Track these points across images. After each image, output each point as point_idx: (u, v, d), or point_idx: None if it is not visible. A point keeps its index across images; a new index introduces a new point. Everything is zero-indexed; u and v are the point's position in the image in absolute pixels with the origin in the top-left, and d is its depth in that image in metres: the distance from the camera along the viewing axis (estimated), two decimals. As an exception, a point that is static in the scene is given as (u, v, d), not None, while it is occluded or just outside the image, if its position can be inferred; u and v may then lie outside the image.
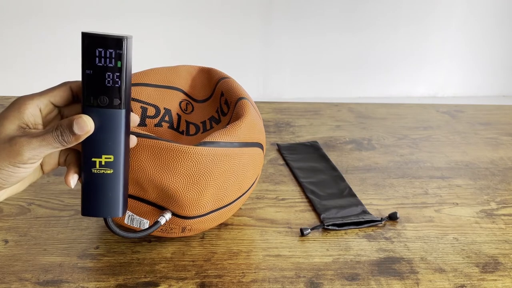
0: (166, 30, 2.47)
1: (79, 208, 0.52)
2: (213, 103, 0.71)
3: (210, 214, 0.61)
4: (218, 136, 0.58)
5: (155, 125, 0.66)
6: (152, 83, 0.69)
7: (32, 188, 0.77)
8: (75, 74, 0.50)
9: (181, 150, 0.55)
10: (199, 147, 0.56)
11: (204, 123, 0.69)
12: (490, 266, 0.63)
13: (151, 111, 0.66)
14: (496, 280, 0.60)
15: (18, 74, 2.52)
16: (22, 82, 2.46)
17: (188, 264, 0.62)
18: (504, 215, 0.74)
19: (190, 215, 0.60)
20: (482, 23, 2.59)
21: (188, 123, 0.69)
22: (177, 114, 0.69)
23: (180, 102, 0.70)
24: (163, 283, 0.58)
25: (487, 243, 0.68)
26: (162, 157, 0.55)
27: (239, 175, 0.60)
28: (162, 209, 0.59)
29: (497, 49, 2.65)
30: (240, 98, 0.66)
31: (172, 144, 0.55)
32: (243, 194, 0.64)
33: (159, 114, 0.67)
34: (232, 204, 0.63)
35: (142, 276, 0.59)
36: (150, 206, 0.59)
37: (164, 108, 0.68)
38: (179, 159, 0.55)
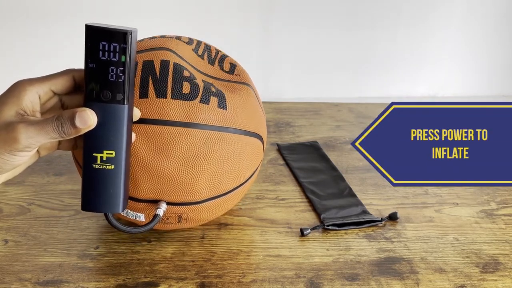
0: (164, 29, 2.46)
1: (79, 208, 0.52)
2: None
3: (206, 202, 0.61)
4: (212, 119, 0.57)
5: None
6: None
7: (32, 188, 0.77)
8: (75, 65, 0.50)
9: (174, 133, 0.55)
10: (192, 129, 0.56)
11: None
12: (490, 266, 0.63)
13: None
14: (496, 280, 0.60)
15: (18, 66, 2.51)
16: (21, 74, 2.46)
17: (188, 264, 0.62)
18: (504, 215, 0.74)
19: (185, 201, 0.59)
20: (482, 23, 2.59)
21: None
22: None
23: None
24: (163, 283, 0.58)
25: (487, 243, 0.68)
26: (155, 140, 0.55)
27: (235, 162, 0.60)
28: (155, 202, 0.59)
29: (497, 49, 2.65)
30: (247, 84, 0.65)
31: (165, 127, 0.55)
32: (240, 185, 0.63)
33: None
34: (229, 194, 0.62)
35: (142, 276, 0.59)
36: (143, 203, 0.59)
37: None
38: (172, 142, 0.55)
